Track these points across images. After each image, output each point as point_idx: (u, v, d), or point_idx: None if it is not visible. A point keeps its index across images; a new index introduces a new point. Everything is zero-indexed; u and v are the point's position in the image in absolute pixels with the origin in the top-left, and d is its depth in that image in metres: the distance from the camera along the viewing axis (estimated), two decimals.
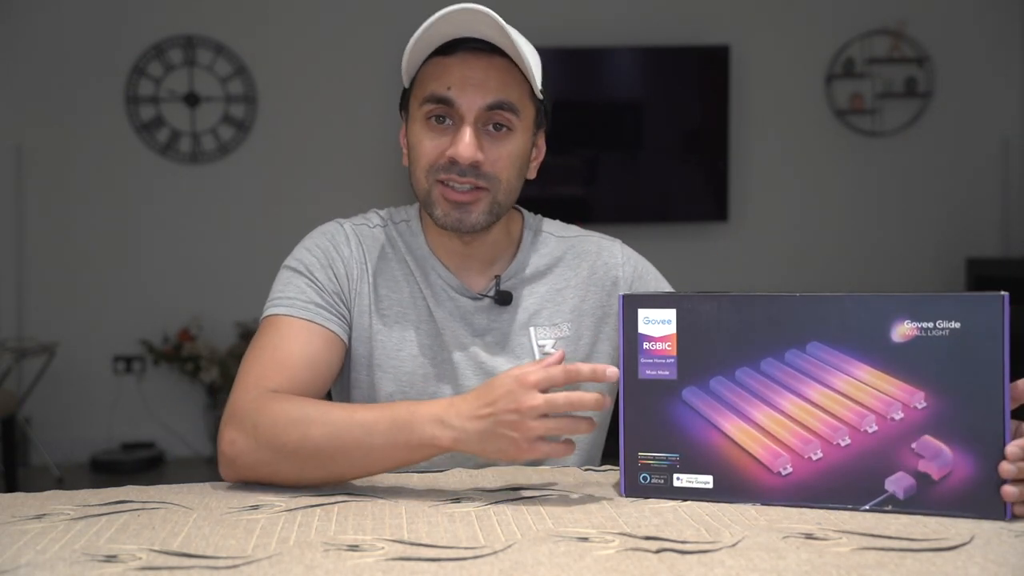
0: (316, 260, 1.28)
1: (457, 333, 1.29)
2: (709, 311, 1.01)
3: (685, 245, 4.69)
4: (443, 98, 1.20)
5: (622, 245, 1.40)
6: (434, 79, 1.22)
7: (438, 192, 1.22)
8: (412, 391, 1.28)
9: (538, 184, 1.46)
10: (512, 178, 1.24)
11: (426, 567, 0.81)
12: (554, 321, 1.31)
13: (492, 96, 1.20)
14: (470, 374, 1.28)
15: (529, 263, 1.33)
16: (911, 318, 0.95)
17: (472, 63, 1.20)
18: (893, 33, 4.70)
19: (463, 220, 1.22)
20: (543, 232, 1.37)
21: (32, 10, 4.46)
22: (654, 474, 1.03)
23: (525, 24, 1.40)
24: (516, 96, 1.22)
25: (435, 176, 1.22)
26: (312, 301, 1.24)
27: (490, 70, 1.20)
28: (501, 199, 1.24)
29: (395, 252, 1.32)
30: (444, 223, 1.23)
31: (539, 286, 1.33)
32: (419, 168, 1.24)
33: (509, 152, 1.22)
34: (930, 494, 0.94)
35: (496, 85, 1.20)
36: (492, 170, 1.21)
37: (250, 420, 1.10)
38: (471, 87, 1.19)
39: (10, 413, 3.54)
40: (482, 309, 1.30)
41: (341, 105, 4.58)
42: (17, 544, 0.88)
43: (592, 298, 1.34)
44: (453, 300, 1.29)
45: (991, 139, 4.80)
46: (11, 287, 4.49)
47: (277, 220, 4.54)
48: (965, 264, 4.64)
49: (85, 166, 4.52)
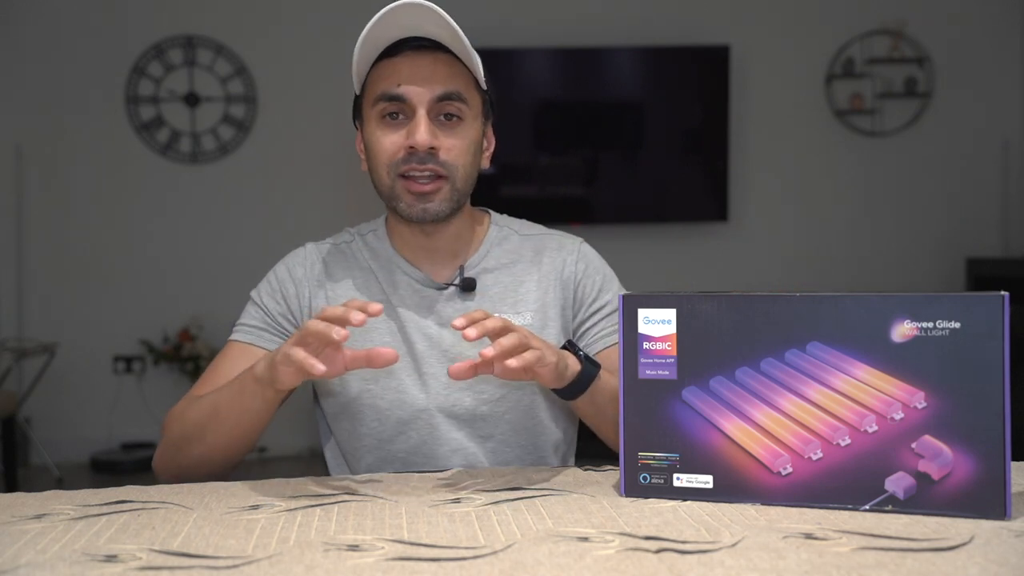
0: (268, 286, 1.37)
1: (421, 324, 1.32)
2: (709, 311, 1.01)
3: (685, 245, 4.69)
4: (394, 95, 1.26)
5: (582, 244, 1.42)
6: (383, 79, 1.27)
7: (401, 186, 1.27)
8: (376, 386, 1.32)
9: (538, 184, 1.48)
10: (468, 165, 1.29)
11: (426, 567, 0.81)
12: (518, 310, 1.34)
13: (440, 87, 1.25)
14: (433, 362, 1.32)
15: (491, 254, 1.37)
16: (911, 318, 0.95)
17: (418, 60, 1.26)
18: (893, 33, 4.70)
19: (427, 210, 1.27)
20: (507, 228, 1.41)
21: (32, 10, 4.45)
22: (654, 474, 1.03)
23: (525, 24, 1.41)
24: (463, 86, 1.27)
25: (396, 170, 1.27)
26: (254, 326, 1.34)
27: (436, 64, 1.26)
28: (460, 186, 1.29)
29: (357, 262, 1.37)
30: (409, 215, 1.28)
31: (503, 275, 1.36)
32: (380, 166, 1.29)
33: (463, 140, 1.28)
34: (930, 494, 0.94)
35: (443, 77, 1.26)
36: (448, 158, 1.26)
37: (165, 427, 1.28)
38: (420, 80, 1.25)
39: (10, 413, 3.54)
40: (447, 298, 1.34)
41: (341, 105, 4.56)
42: (17, 544, 0.88)
43: (552, 292, 1.36)
44: (418, 292, 1.34)
45: (991, 139, 4.80)
46: (11, 287, 4.49)
47: (277, 220, 4.54)
48: (965, 264, 4.64)
49: (85, 166, 4.52)
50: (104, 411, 4.51)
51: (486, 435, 1.32)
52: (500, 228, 1.41)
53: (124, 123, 4.53)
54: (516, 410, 1.33)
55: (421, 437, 1.31)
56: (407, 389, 1.31)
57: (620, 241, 4.47)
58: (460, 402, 1.31)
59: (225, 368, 1.31)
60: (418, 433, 1.31)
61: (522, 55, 4.49)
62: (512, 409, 1.32)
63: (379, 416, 1.32)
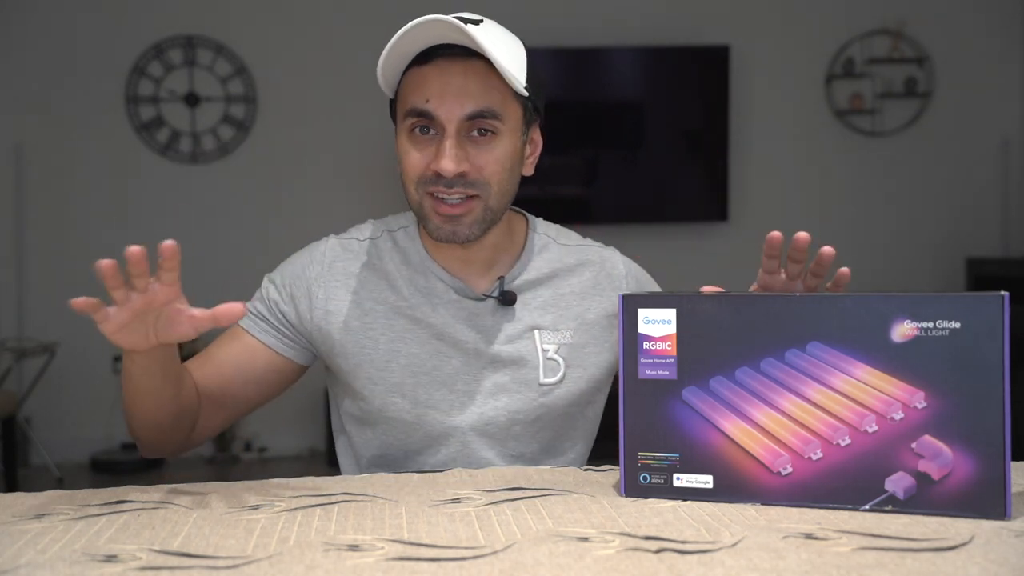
0: (280, 277, 1.33)
1: (458, 335, 1.28)
2: (709, 311, 1.01)
3: (685, 245, 4.69)
4: (423, 111, 1.19)
5: (621, 255, 1.40)
6: (413, 91, 1.20)
7: (429, 205, 1.22)
8: (403, 400, 1.27)
9: (538, 184, 1.47)
10: (503, 182, 1.22)
11: (426, 567, 0.81)
12: (558, 327, 1.30)
13: (472, 105, 1.18)
14: (469, 378, 1.28)
15: (532, 266, 1.33)
16: (911, 318, 0.95)
17: (449, 70, 1.18)
18: (893, 33, 4.70)
19: (457, 232, 1.22)
20: (545, 236, 1.37)
21: (32, 10, 4.45)
22: (654, 474, 1.03)
23: (525, 24, 1.40)
24: (498, 101, 1.19)
25: (424, 189, 1.21)
26: (256, 312, 1.31)
27: (468, 76, 1.18)
28: (493, 204, 1.23)
29: (383, 263, 1.31)
30: (438, 236, 1.23)
31: (543, 290, 1.32)
32: (408, 181, 1.23)
33: (496, 157, 1.21)
34: (930, 494, 0.94)
35: (476, 91, 1.18)
36: (480, 177, 1.20)
37: None
38: (450, 97, 1.18)
39: (10, 413, 3.54)
40: (486, 310, 1.29)
41: (341, 105, 4.57)
42: (17, 544, 0.88)
43: (596, 307, 1.33)
44: (456, 302, 1.29)
45: (991, 139, 4.80)
46: (11, 287, 4.49)
47: (277, 220, 4.54)
48: (965, 264, 4.64)
49: (85, 166, 4.52)
50: (104, 411, 4.51)
51: (517, 454, 1.30)
52: (540, 237, 1.35)
53: (124, 123, 4.53)
54: (548, 429, 1.31)
55: (451, 454, 1.28)
56: (437, 405, 1.27)
57: (620, 241, 4.46)
58: (495, 421, 1.28)
59: (214, 350, 1.31)
60: (448, 450, 1.28)
61: None
62: (545, 428, 1.31)
63: (406, 430, 1.28)
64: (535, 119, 1.28)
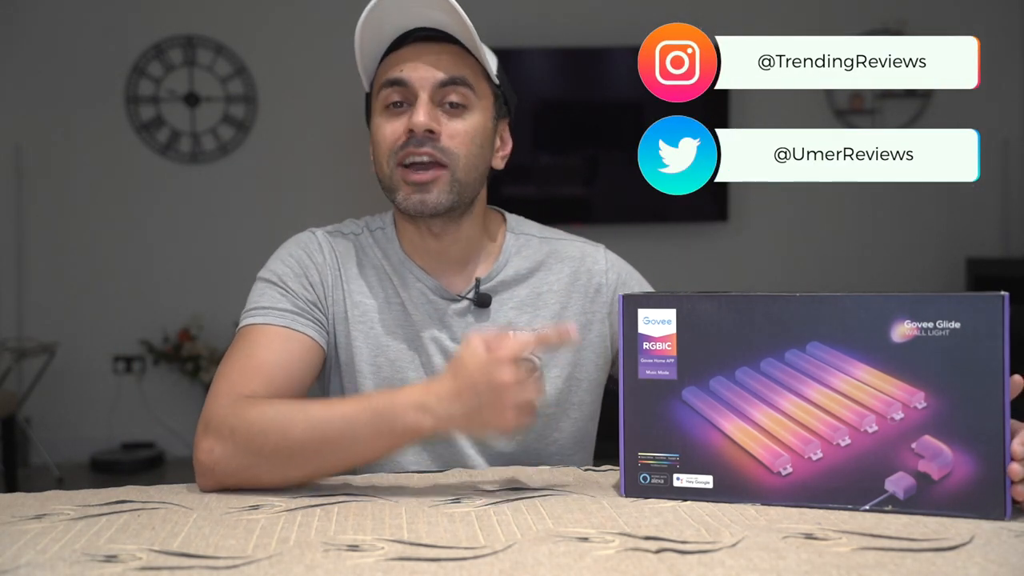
0: (289, 270, 1.27)
1: (437, 336, 1.27)
2: (709, 311, 1.01)
3: (685, 245, 4.69)
4: (397, 80, 1.22)
5: (606, 251, 1.38)
6: (388, 69, 1.24)
7: (399, 176, 1.23)
8: None
9: (538, 184, 1.46)
10: (472, 155, 1.23)
11: (426, 567, 0.81)
12: (533, 327, 1.29)
13: (444, 72, 1.22)
14: None
15: (510, 265, 1.32)
16: (911, 318, 0.95)
17: (423, 48, 1.23)
18: (893, 33, 4.70)
19: (425, 201, 1.21)
20: (525, 234, 1.36)
21: (32, 10, 4.45)
22: (654, 474, 1.03)
23: (525, 24, 1.40)
24: (470, 75, 1.24)
25: (395, 159, 1.23)
26: (286, 309, 1.23)
27: (442, 53, 1.23)
28: (461, 176, 1.23)
29: (369, 259, 1.31)
30: (406, 206, 1.23)
31: (520, 289, 1.31)
32: (381, 155, 1.25)
33: (466, 128, 1.23)
34: (930, 494, 0.94)
35: (448, 64, 1.22)
36: (449, 144, 1.22)
37: (227, 426, 1.08)
38: (423, 65, 1.22)
39: (10, 413, 3.54)
40: (460, 311, 1.29)
41: (341, 105, 4.56)
42: (17, 544, 0.88)
43: (574, 304, 1.32)
44: (431, 303, 1.28)
45: (991, 139, 4.80)
46: (11, 287, 4.49)
47: (277, 220, 4.53)
48: (965, 264, 4.64)
49: (85, 166, 4.51)
50: (104, 411, 4.51)
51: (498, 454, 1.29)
52: (517, 236, 1.35)
53: (124, 123, 4.53)
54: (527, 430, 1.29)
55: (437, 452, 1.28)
56: None
57: (620, 241, 4.46)
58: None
59: (269, 357, 1.18)
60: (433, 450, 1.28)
61: (522, 55, 4.48)
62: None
63: None
64: (505, 115, 1.31)
